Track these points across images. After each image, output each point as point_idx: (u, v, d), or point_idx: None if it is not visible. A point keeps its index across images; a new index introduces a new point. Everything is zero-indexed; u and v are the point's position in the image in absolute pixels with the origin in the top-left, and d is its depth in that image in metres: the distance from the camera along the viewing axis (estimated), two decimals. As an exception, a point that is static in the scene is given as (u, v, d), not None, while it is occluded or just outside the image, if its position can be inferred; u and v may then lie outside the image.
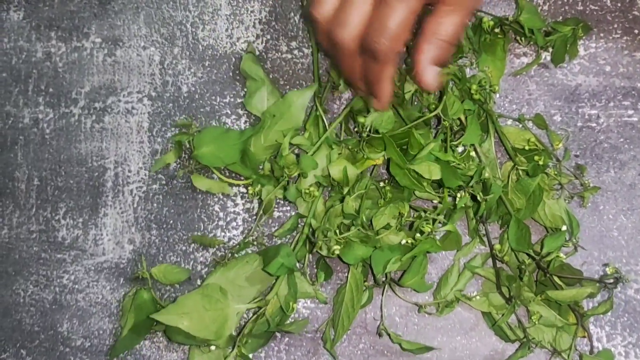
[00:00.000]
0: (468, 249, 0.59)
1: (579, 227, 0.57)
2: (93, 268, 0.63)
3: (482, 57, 0.61)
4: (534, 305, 0.55)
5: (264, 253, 0.58)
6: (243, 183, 0.62)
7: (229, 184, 0.62)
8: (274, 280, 0.58)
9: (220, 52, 0.65)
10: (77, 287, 0.63)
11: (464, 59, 0.62)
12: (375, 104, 0.56)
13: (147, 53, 0.66)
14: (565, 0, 0.63)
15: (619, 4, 0.63)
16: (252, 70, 0.62)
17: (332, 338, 0.58)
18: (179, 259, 0.62)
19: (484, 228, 0.58)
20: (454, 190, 0.56)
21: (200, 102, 0.64)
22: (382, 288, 0.59)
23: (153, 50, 0.66)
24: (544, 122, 0.59)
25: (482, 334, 0.59)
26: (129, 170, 0.64)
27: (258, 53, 0.65)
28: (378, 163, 0.59)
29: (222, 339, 0.56)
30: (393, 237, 0.57)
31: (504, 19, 0.60)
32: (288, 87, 0.64)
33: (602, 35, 0.62)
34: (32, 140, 0.65)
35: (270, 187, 0.60)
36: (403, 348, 0.57)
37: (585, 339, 0.57)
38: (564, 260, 0.55)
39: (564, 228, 0.57)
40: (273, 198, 0.61)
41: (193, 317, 0.54)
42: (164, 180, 0.63)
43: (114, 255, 0.63)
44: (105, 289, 0.62)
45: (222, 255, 0.61)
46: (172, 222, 0.63)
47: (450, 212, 0.57)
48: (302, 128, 0.61)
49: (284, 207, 0.62)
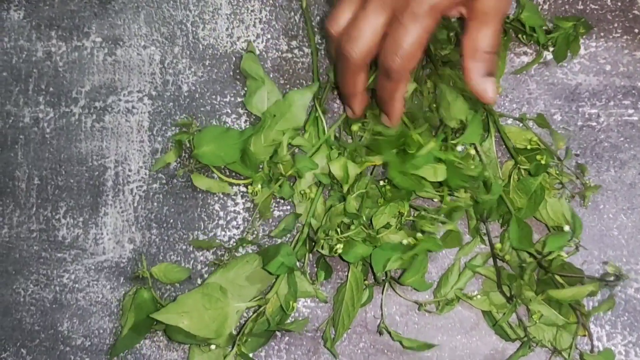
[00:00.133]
0: (469, 248, 0.59)
1: (582, 226, 0.57)
2: (93, 267, 0.63)
3: None
4: (535, 304, 0.55)
5: (264, 252, 0.58)
6: (243, 182, 0.62)
7: (229, 184, 0.62)
8: (274, 280, 0.58)
9: (221, 51, 0.65)
10: (77, 286, 0.63)
11: None
12: (385, 121, 0.57)
13: (147, 52, 0.66)
14: (566, 0, 0.63)
15: (619, 3, 0.63)
16: (252, 70, 0.62)
17: (332, 337, 0.58)
18: (179, 258, 0.62)
19: (485, 227, 0.58)
20: (454, 189, 0.56)
21: (201, 101, 0.64)
22: (382, 287, 0.59)
23: (153, 50, 0.66)
24: (546, 121, 0.59)
25: (482, 333, 0.59)
26: (129, 170, 0.64)
27: (258, 52, 0.65)
28: (377, 164, 0.59)
29: (222, 338, 0.56)
30: (393, 236, 0.57)
31: (505, 18, 0.60)
32: (288, 86, 0.64)
33: (602, 35, 0.62)
34: (32, 140, 0.65)
35: (267, 189, 0.60)
36: (403, 346, 0.57)
37: (586, 338, 0.57)
38: (566, 260, 0.55)
39: (567, 228, 0.56)
40: (269, 199, 0.61)
41: (193, 316, 0.54)
42: (164, 180, 0.63)
43: (114, 255, 0.63)
44: (106, 288, 0.62)
45: (221, 255, 0.61)
46: (172, 221, 0.63)
47: (451, 211, 0.57)
48: (302, 128, 0.61)
49: (284, 206, 0.62)
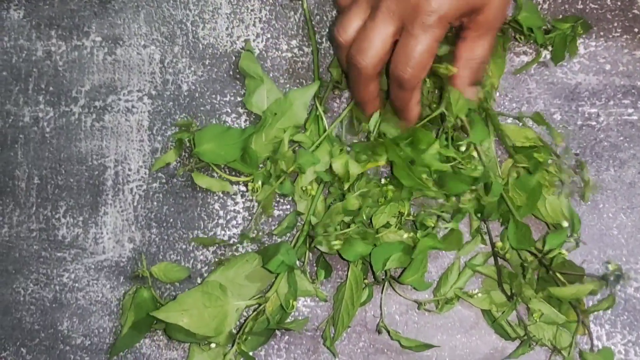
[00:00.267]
0: (469, 247, 0.59)
1: (580, 222, 0.57)
2: (93, 266, 0.63)
3: None
4: (535, 303, 0.56)
5: (264, 251, 0.58)
6: (244, 180, 0.62)
7: (230, 182, 0.62)
8: (274, 279, 0.58)
9: (221, 50, 0.65)
10: (77, 285, 0.63)
11: None
12: (402, 126, 0.58)
13: (147, 52, 0.66)
14: (565, -1, 0.64)
15: (619, 3, 0.63)
16: (250, 69, 0.62)
17: (332, 336, 0.58)
18: (179, 258, 0.62)
19: (485, 226, 0.58)
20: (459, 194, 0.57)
21: (201, 100, 0.64)
22: (382, 286, 0.59)
23: (153, 49, 0.66)
24: (543, 119, 0.59)
25: (482, 333, 0.59)
26: (129, 169, 0.64)
27: (258, 52, 0.65)
28: (381, 164, 0.59)
29: (221, 336, 0.56)
30: (392, 235, 0.57)
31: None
32: (288, 85, 0.64)
33: (602, 34, 0.62)
34: (32, 139, 0.65)
35: (268, 186, 0.60)
36: (402, 345, 0.58)
37: (586, 337, 0.57)
38: (566, 257, 0.56)
39: (565, 224, 0.56)
40: (272, 195, 0.61)
41: (193, 314, 0.54)
42: (164, 179, 0.63)
43: (114, 254, 0.63)
44: (106, 288, 0.62)
45: (221, 254, 0.61)
46: (172, 220, 0.63)
47: (455, 212, 0.57)
48: (302, 127, 0.61)
49: (284, 205, 0.62)
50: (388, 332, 0.58)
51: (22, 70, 0.66)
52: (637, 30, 0.62)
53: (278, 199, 0.62)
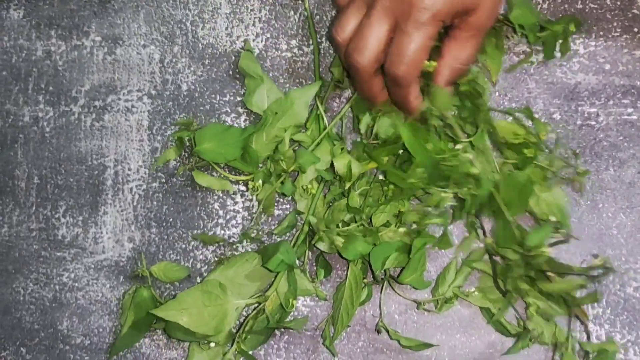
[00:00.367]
0: (467, 244, 0.59)
1: (567, 216, 0.56)
2: (93, 266, 0.63)
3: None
4: (531, 297, 0.55)
5: (264, 250, 0.58)
6: (244, 179, 0.62)
7: (230, 181, 0.62)
8: (274, 278, 0.58)
9: (220, 50, 0.65)
10: (77, 285, 0.63)
11: None
12: (405, 118, 0.58)
13: (147, 51, 0.66)
14: (565, -1, 0.64)
15: (619, 3, 0.63)
16: (250, 68, 0.62)
17: (331, 335, 0.58)
18: (179, 257, 0.62)
19: (479, 222, 0.58)
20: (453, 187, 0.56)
21: (200, 100, 0.65)
22: (381, 285, 0.59)
23: (153, 49, 0.66)
24: (532, 113, 0.58)
25: (481, 332, 0.59)
26: (129, 169, 0.64)
27: (258, 51, 0.65)
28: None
29: (221, 335, 0.56)
30: (392, 234, 0.57)
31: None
32: (288, 85, 0.64)
33: (601, 34, 0.62)
34: (32, 139, 0.65)
35: (269, 185, 0.60)
36: (402, 345, 0.58)
37: (584, 332, 0.57)
38: (551, 255, 0.54)
39: (553, 219, 0.56)
40: (273, 195, 0.61)
41: (192, 312, 0.55)
42: (164, 179, 0.64)
43: (114, 254, 0.63)
44: (105, 287, 0.62)
45: (221, 253, 0.61)
46: (171, 220, 0.63)
47: (439, 203, 0.57)
48: (303, 126, 0.61)
49: (284, 204, 0.62)
50: (387, 331, 0.58)
51: (21, 70, 0.66)
52: (636, 30, 0.62)
53: (278, 199, 0.62)
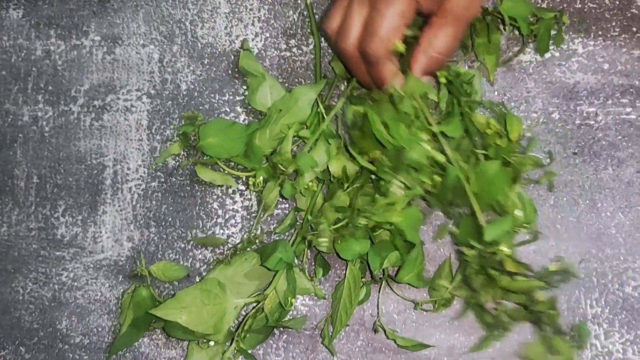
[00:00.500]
0: (442, 232, 0.58)
1: (536, 212, 0.54)
2: (92, 265, 0.63)
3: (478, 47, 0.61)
4: (489, 295, 0.53)
5: (262, 249, 0.58)
6: (246, 175, 0.62)
7: (232, 176, 0.62)
8: (273, 277, 0.58)
9: (219, 50, 0.65)
10: (76, 284, 0.63)
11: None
12: (372, 100, 0.57)
13: (146, 51, 0.66)
14: (564, -2, 0.64)
15: (617, 2, 0.63)
16: (250, 67, 0.62)
17: (330, 334, 0.58)
18: (178, 257, 0.62)
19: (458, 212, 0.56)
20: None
21: (199, 99, 0.65)
22: (379, 285, 0.59)
23: (152, 48, 0.66)
24: (505, 107, 0.57)
25: (480, 332, 0.59)
26: (128, 168, 0.64)
27: (257, 51, 0.65)
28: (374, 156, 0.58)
29: (220, 334, 0.56)
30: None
31: (482, 8, 0.60)
32: (287, 84, 0.64)
33: (600, 33, 0.62)
34: (31, 138, 0.65)
35: (272, 183, 0.60)
36: (398, 345, 0.57)
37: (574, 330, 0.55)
38: (509, 254, 0.51)
39: (518, 213, 0.52)
40: (276, 195, 0.61)
41: (191, 311, 0.55)
42: (163, 178, 0.64)
43: (113, 253, 0.63)
44: (104, 287, 0.63)
45: (226, 254, 0.61)
46: (170, 219, 0.63)
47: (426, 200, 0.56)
48: (306, 124, 0.61)
49: (283, 204, 0.62)
50: (384, 330, 0.58)
51: (21, 70, 0.66)
52: (635, 30, 0.62)
53: (278, 198, 0.62)
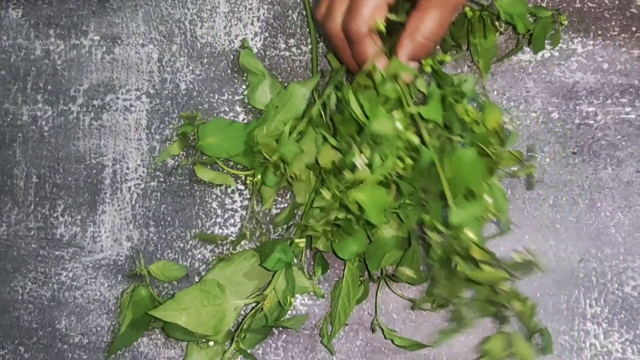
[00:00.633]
0: (412, 219, 0.55)
1: (507, 202, 0.51)
2: (91, 265, 0.63)
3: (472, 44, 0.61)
4: (453, 287, 0.51)
5: (261, 249, 0.58)
6: (245, 174, 0.62)
7: (231, 175, 0.62)
8: (272, 276, 0.58)
9: (219, 49, 0.65)
10: (75, 284, 0.63)
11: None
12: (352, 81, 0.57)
13: (145, 51, 0.66)
14: (563, -2, 0.64)
15: (617, 2, 0.63)
16: (251, 65, 0.62)
17: (329, 333, 0.58)
18: (177, 256, 0.62)
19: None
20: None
21: (199, 99, 0.65)
22: (377, 284, 0.59)
23: (151, 48, 0.66)
24: (487, 97, 0.57)
25: (479, 331, 0.59)
26: (127, 168, 0.64)
27: (256, 50, 0.65)
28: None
29: (220, 335, 0.56)
30: (387, 230, 0.56)
31: (479, 4, 0.60)
32: (286, 84, 0.64)
33: (599, 33, 0.62)
34: (30, 138, 0.65)
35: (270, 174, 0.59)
36: (395, 344, 0.57)
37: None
38: (475, 241, 0.49)
39: (488, 199, 0.50)
40: (274, 189, 0.60)
41: (191, 312, 0.54)
42: (162, 178, 0.64)
43: (112, 252, 0.63)
44: (103, 286, 0.63)
45: (219, 253, 0.61)
46: (170, 219, 0.63)
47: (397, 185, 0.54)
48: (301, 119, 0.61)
49: (282, 204, 0.62)
50: (382, 329, 0.58)
51: (20, 69, 0.66)
52: (634, 29, 0.62)
53: (276, 198, 0.62)
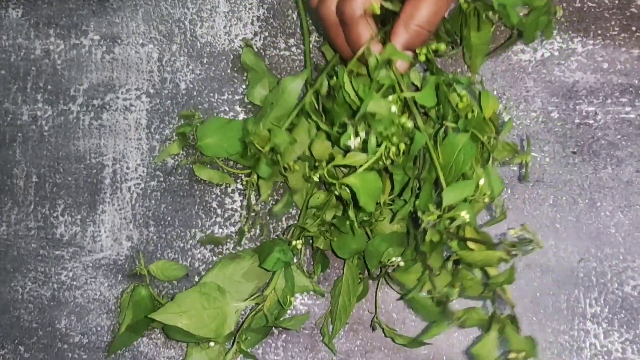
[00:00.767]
0: (404, 211, 0.54)
1: (503, 185, 0.52)
2: (91, 265, 0.63)
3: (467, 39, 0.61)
4: (446, 271, 0.52)
5: (260, 249, 0.58)
6: (245, 173, 0.62)
7: (230, 174, 0.62)
8: (271, 276, 0.58)
9: (219, 49, 0.65)
10: (75, 283, 0.63)
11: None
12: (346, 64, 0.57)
13: (145, 50, 0.66)
14: (563, -2, 0.64)
15: (617, 1, 0.63)
16: (252, 62, 0.62)
17: (330, 332, 0.58)
18: (177, 256, 0.62)
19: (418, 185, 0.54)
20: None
21: (199, 99, 0.65)
22: (377, 282, 0.59)
23: (151, 48, 0.66)
24: (483, 86, 0.56)
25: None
26: (127, 167, 0.64)
27: (256, 50, 0.65)
28: None
29: (221, 337, 0.56)
30: (386, 226, 0.56)
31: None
32: (286, 84, 0.64)
33: (599, 32, 0.62)
34: (30, 138, 0.65)
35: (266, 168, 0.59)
36: (395, 342, 0.57)
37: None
38: (466, 222, 0.48)
39: (482, 182, 0.49)
40: (271, 183, 0.60)
41: (192, 315, 0.54)
42: (162, 177, 0.64)
43: (112, 252, 0.63)
44: (103, 286, 0.63)
45: (219, 252, 0.61)
46: (169, 218, 0.63)
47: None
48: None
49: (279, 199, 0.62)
50: (381, 327, 0.58)
51: (20, 69, 0.66)
52: (634, 29, 0.62)
53: (275, 197, 0.62)
